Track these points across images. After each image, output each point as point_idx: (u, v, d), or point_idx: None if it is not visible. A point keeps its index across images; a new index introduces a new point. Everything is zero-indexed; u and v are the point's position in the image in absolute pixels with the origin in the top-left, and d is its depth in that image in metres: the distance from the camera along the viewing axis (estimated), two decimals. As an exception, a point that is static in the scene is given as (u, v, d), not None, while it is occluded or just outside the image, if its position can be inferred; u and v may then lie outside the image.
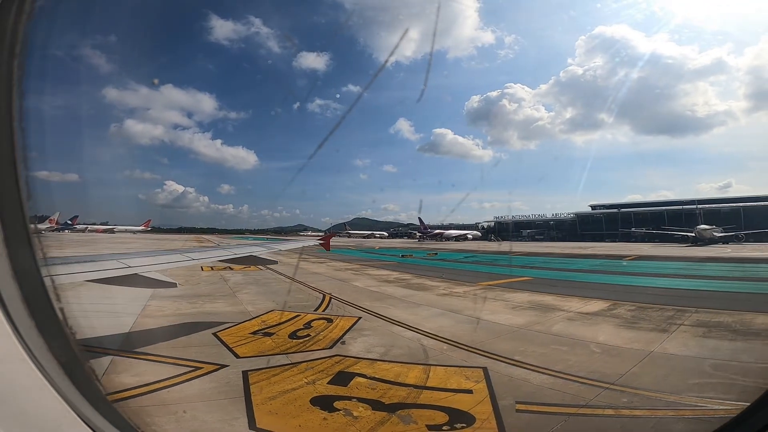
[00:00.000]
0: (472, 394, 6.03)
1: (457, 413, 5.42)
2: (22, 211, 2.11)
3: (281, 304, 13.34)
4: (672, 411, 5.14)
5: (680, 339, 8.77)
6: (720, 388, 5.85)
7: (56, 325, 2.23)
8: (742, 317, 10.78)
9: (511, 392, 6.08)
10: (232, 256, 10.71)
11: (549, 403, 5.61)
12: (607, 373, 6.64)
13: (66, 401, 2.05)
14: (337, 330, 10.07)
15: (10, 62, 2.03)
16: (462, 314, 12.01)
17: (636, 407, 5.35)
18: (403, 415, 5.43)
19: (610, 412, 5.24)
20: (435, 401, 5.83)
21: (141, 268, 7.72)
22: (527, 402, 5.69)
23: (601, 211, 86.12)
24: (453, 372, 7.06)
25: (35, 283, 2.14)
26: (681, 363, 7.27)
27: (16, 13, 2.02)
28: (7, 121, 2.04)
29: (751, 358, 7.31)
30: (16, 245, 2.04)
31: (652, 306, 12.60)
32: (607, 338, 8.97)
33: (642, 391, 5.84)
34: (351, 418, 5.39)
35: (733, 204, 71.14)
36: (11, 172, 2.05)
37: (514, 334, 9.70)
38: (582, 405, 5.49)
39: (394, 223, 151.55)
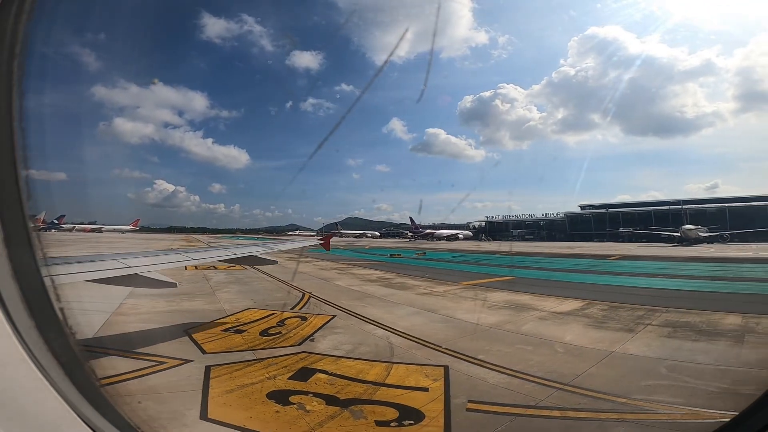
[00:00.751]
0: (428, 392, 6.12)
1: (407, 410, 5.52)
2: (22, 211, 2.10)
3: (259, 303, 13.38)
4: (615, 414, 5.18)
5: (644, 339, 8.88)
6: (669, 391, 5.90)
7: (56, 325, 2.23)
8: (711, 317, 10.91)
9: (466, 391, 6.17)
10: (232, 256, 10.73)
11: (500, 403, 5.69)
12: (564, 374, 6.73)
13: (66, 401, 2.05)
14: (309, 328, 10.17)
15: (10, 62, 2.03)
16: (437, 313, 12.09)
17: (582, 409, 5.42)
18: (355, 410, 5.55)
19: (556, 414, 5.31)
20: (389, 398, 5.93)
21: (141, 268, 7.76)
22: (479, 401, 5.77)
23: (590, 212, 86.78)
24: (414, 370, 7.16)
25: (35, 283, 2.14)
26: (638, 364, 7.35)
27: (16, 13, 2.02)
28: (7, 121, 2.04)
29: (708, 360, 7.36)
30: (16, 245, 2.03)
31: (624, 306, 12.75)
32: (573, 338, 9.09)
33: (592, 392, 5.90)
34: (303, 411, 5.53)
35: (719, 204, 72.07)
36: (11, 172, 2.05)
37: (483, 333, 9.81)
38: (531, 406, 5.57)
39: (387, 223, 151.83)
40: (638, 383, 6.31)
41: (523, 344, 8.69)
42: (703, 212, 68.30)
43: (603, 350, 8.07)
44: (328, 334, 9.68)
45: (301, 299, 14.42)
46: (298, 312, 12.26)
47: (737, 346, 8.17)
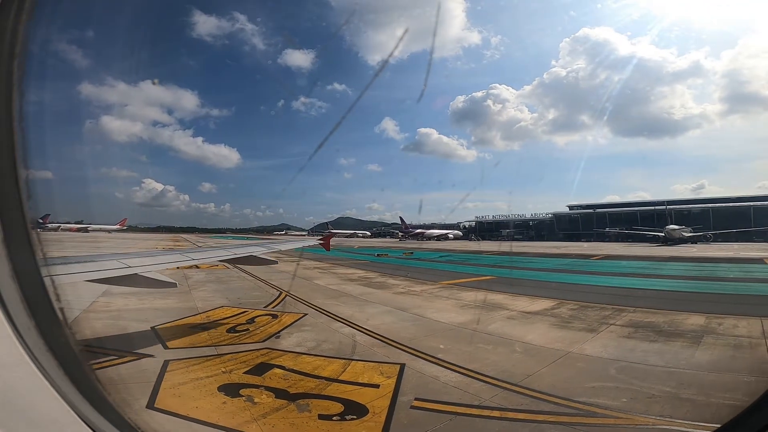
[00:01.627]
0: (378, 389, 6.27)
1: (353, 405, 5.68)
2: (22, 211, 2.09)
3: (233, 301, 13.45)
4: (552, 416, 5.26)
5: (603, 340, 9.00)
6: (611, 393, 5.96)
7: (56, 325, 2.22)
8: (675, 318, 11.06)
9: (416, 389, 6.30)
10: (232, 256, 10.77)
11: (445, 402, 5.81)
12: (515, 374, 6.85)
13: (66, 401, 2.05)
14: (277, 325, 10.34)
15: (10, 62, 2.02)
16: (408, 312, 12.21)
17: (522, 410, 5.52)
18: (302, 404, 5.71)
19: (496, 414, 5.41)
20: (338, 393, 6.09)
21: (141, 268, 7.80)
22: (425, 399, 5.89)
23: (578, 212, 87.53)
24: (370, 367, 7.32)
25: (35, 283, 2.13)
26: (590, 365, 7.42)
27: (16, 13, 2.02)
28: (7, 121, 2.03)
29: (659, 362, 7.43)
30: (16, 245, 2.03)
31: (594, 305, 12.91)
32: (534, 338, 9.21)
33: (537, 393, 6.01)
34: (250, 403, 5.71)
35: (703, 205, 73.08)
36: (11, 172, 2.04)
37: (449, 332, 9.95)
38: (474, 405, 5.69)
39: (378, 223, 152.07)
40: (584, 385, 6.35)
41: (484, 344, 8.83)
42: (688, 213, 69.30)
43: (560, 350, 8.20)
44: (295, 331, 9.83)
45: (276, 298, 14.56)
46: (271, 310, 12.40)
47: (692, 348, 8.26)
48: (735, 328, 9.72)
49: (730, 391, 5.75)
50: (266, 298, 14.42)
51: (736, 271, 24.26)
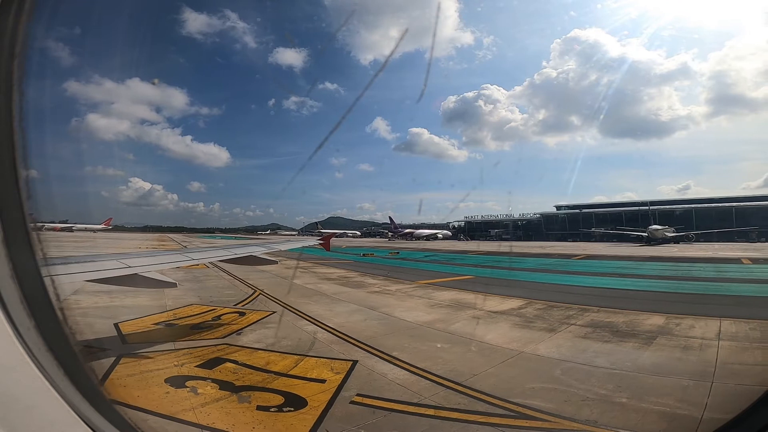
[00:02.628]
0: (324, 384, 6.46)
1: (293, 398, 5.88)
2: (22, 211, 2.09)
3: (204, 299, 13.50)
4: (482, 417, 5.35)
5: (559, 340, 9.12)
6: (547, 395, 6.02)
7: (56, 325, 2.21)
8: (635, 317, 11.21)
9: (362, 385, 6.45)
10: (232, 256, 10.78)
11: (385, 398, 5.94)
12: (463, 372, 6.97)
13: (66, 401, 2.04)
14: (243, 322, 10.56)
15: (9, 62, 2.02)
16: (376, 311, 12.33)
17: (456, 409, 5.62)
18: (243, 395, 5.92)
19: (430, 412, 5.53)
20: (283, 387, 6.28)
21: (141, 268, 7.83)
22: (366, 395, 6.04)
23: (565, 212, 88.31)
24: (323, 363, 7.50)
25: (35, 283, 2.12)
26: (538, 365, 7.47)
27: (16, 13, 2.01)
28: (7, 121, 2.02)
29: (604, 363, 7.46)
30: (16, 245, 2.02)
31: (561, 305, 13.09)
32: (493, 337, 9.35)
33: (476, 392, 6.12)
34: (193, 394, 5.92)
35: (686, 206, 74.18)
36: (11, 172, 2.03)
37: (411, 330, 10.09)
38: (412, 403, 5.81)
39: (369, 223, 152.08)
40: (525, 386, 6.41)
41: (443, 342, 8.95)
42: (671, 213, 70.26)
43: (513, 350, 8.32)
44: (259, 328, 10.02)
45: (249, 296, 14.62)
46: (240, 308, 12.51)
47: (642, 349, 8.33)
48: (691, 329, 9.81)
49: (663, 396, 5.77)
50: (239, 297, 14.50)
51: (710, 271, 24.61)
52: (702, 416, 5.09)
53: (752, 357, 7.62)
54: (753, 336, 9.04)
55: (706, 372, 6.78)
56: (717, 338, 8.90)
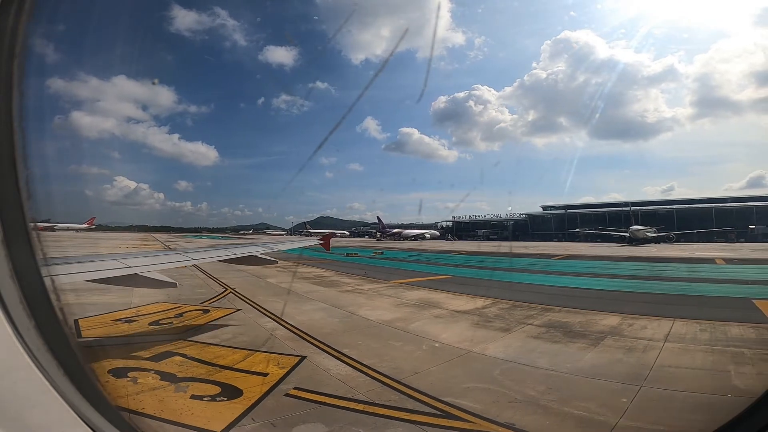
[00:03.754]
0: (265, 377, 6.67)
1: (230, 389, 6.11)
2: (22, 211, 2.10)
3: (173, 297, 13.51)
4: (407, 414, 5.46)
5: (510, 340, 9.22)
6: (478, 395, 6.08)
7: (56, 325, 2.22)
8: (593, 318, 11.33)
9: (302, 379, 6.63)
10: (232, 256, 10.86)
11: (321, 393, 6.12)
12: (405, 370, 7.12)
13: (66, 401, 2.06)
14: (204, 319, 10.79)
15: (9, 62, 2.03)
16: (342, 310, 12.49)
17: (384, 405, 5.75)
18: (182, 385, 6.17)
19: (359, 407, 5.66)
20: (223, 379, 6.50)
21: (141, 268, 7.94)
22: (303, 389, 6.22)
23: (551, 212, 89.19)
24: (271, 358, 7.73)
25: (35, 283, 2.13)
26: (481, 365, 7.60)
27: (16, 13, 2.02)
28: (7, 121, 2.03)
29: (546, 364, 7.55)
30: (16, 245, 2.03)
31: (525, 305, 13.23)
32: (448, 336, 9.49)
33: (410, 390, 6.25)
34: (132, 383, 6.12)
35: (668, 206, 75.40)
36: (11, 172, 2.04)
37: (369, 328, 10.28)
38: (345, 398, 5.96)
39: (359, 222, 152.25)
40: (461, 385, 6.48)
41: (396, 340, 9.09)
42: (654, 214, 71.30)
43: (462, 350, 8.42)
44: (219, 325, 10.23)
45: (218, 294, 14.69)
46: (206, 306, 12.66)
47: (587, 350, 8.38)
48: (643, 329, 9.89)
49: (587, 400, 5.83)
50: (209, 295, 14.62)
51: (683, 271, 25.01)
52: (617, 422, 5.14)
53: (690, 360, 7.63)
54: (700, 338, 9.11)
55: (639, 375, 6.79)
56: (664, 340, 8.98)
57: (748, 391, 5.88)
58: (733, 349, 8.12)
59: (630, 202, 71.87)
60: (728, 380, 6.51)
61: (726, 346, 8.35)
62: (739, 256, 33.32)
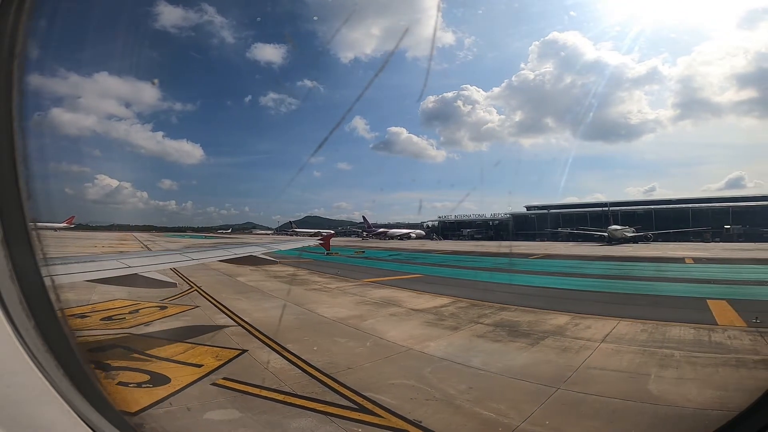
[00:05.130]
0: (199, 368, 7.00)
1: (159, 377, 6.46)
2: (22, 211, 2.09)
3: (133, 294, 13.49)
4: (322, 405, 5.69)
5: (455, 338, 9.39)
6: (400, 392, 6.27)
7: (56, 325, 2.21)
8: (543, 317, 11.50)
9: (235, 371, 6.94)
10: (232, 256, 10.91)
11: (249, 383, 6.39)
12: (339, 365, 7.38)
13: (66, 401, 2.05)
14: (158, 315, 11.07)
15: (10, 62, 2.03)
16: (301, 307, 12.76)
17: (305, 396, 5.98)
18: (112, 373, 6.49)
19: (279, 397, 5.91)
20: (156, 369, 6.80)
21: (141, 268, 7.96)
22: (232, 380, 6.52)
23: (534, 212, 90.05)
24: (211, 351, 8.04)
25: (35, 283, 2.12)
26: (415, 362, 7.76)
27: (16, 13, 2.02)
28: (7, 120, 2.03)
29: (479, 363, 7.66)
30: (16, 245, 2.03)
31: (484, 303, 13.51)
32: (396, 334, 9.69)
33: (336, 384, 6.49)
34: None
35: (646, 206, 76.75)
36: (11, 172, 2.04)
37: (322, 325, 10.57)
38: (270, 389, 6.22)
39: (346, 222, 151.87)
40: (387, 381, 6.70)
41: (342, 337, 9.32)
42: (633, 214, 72.46)
43: (404, 347, 8.62)
44: (171, 321, 10.56)
45: (182, 292, 14.78)
46: (164, 303, 12.79)
47: (524, 350, 8.48)
48: (586, 329, 10.03)
49: (501, 401, 5.93)
50: (174, 292, 14.55)
51: (650, 270, 25.49)
52: (518, 426, 5.22)
53: (617, 362, 7.69)
54: (637, 339, 9.21)
55: (562, 377, 6.87)
56: (600, 341, 9.02)
57: (661, 398, 5.96)
58: (664, 351, 8.21)
59: (608, 203, 73.00)
60: (644, 384, 6.52)
61: (658, 348, 8.45)
62: (709, 256, 34.00)
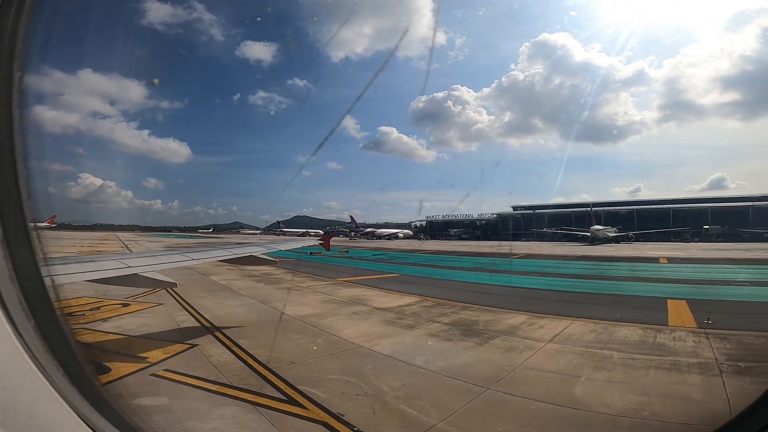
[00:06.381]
0: (144, 360, 7.23)
1: (100, 367, 6.59)
2: (22, 211, 2.07)
3: (99, 292, 13.49)
4: (252, 396, 5.92)
5: (407, 337, 9.54)
6: (329, 386, 6.45)
7: (56, 325, 2.20)
8: (501, 316, 11.59)
9: (180, 364, 7.24)
10: (232, 257, 10.99)
11: (187, 374, 6.68)
12: (283, 360, 7.63)
13: (66, 401, 2.04)
14: (118, 312, 11.26)
15: (10, 62, 2.01)
16: (266, 305, 13.12)
17: (237, 387, 6.24)
18: None
19: (213, 387, 6.20)
20: (97, 359, 6.91)
21: (141, 268, 8.00)
22: (173, 371, 6.81)
23: (520, 212, 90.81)
24: (161, 345, 8.32)
25: (35, 283, 2.10)
26: (359, 359, 7.92)
27: (16, 13, 2.01)
28: (7, 120, 2.01)
29: (421, 362, 7.75)
30: (16, 245, 2.01)
31: (449, 303, 13.70)
32: (351, 332, 9.88)
33: (272, 376, 6.75)
34: None
35: (629, 207, 77.99)
36: (11, 172, 2.02)
37: (281, 323, 10.81)
38: (208, 380, 6.53)
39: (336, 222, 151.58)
40: (325, 376, 6.89)
41: (297, 334, 9.58)
42: (616, 214, 73.47)
43: (354, 344, 8.82)
44: (133, 317, 10.71)
45: (150, 290, 14.69)
46: (128, 300, 12.90)
47: (471, 349, 8.57)
48: (539, 329, 10.13)
49: (426, 399, 6.03)
50: (138, 291, 14.57)
51: (624, 270, 25.86)
52: (434, 425, 5.29)
53: (555, 363, 7.71)
54: (583, 339, 9.26)
55: (496, 377, 6.95)
56: (548, 341, 9.07)
57: (581, 401, 5.96)
58: (604, 352, 8.29)
59: (591, 203, 73.87)
60: (572, 387, 6.53)
61: (599, 349, 8.51)
62: (685, 255, 34.57)
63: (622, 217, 71.92)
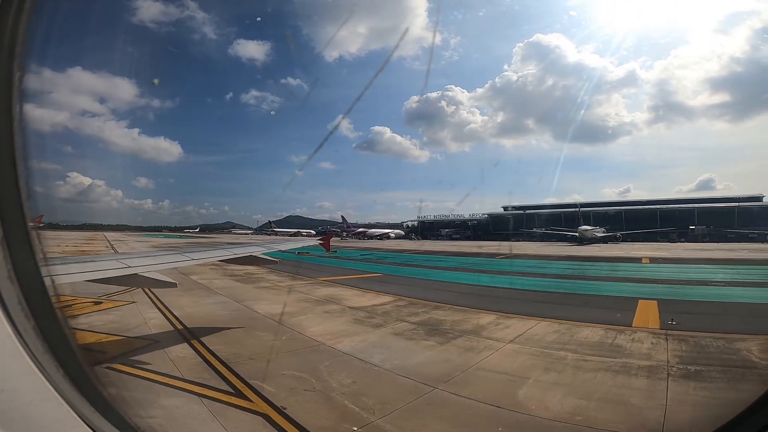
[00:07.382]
0: (102, 354, 7.62)
1: None
2: (22, 211, 2.09)
3: (75, 290, 13.48)
4: (203, 389, 6.09)
5: (372, 336, 9.63)
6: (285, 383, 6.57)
7: (56, 325, 2.22)
8: (470, 317, 11.69)
9: (133, 359, 7.35)
10: (232, 257, 11.00)
11: (140, 367, 6.96)
12: (242, 356, 7.81)
13: (66, 401, 2.05)
14: (88, 309, 11.46)
15: (10, 62, 2.03)
16: (240, 303, 13.30)
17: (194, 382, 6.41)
18: None
19: (162, 379, 6.42)
20: None
21: (141, 268, 7.99)
22: (123, 363, 7.10)
23: (510, 213, 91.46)
24: (122, 340, 8.70)
25: (35, 283, 2.12)
26: (317, 357, 8.02)
27: (16, 13, 2.02)
28: (7, 121, 2.03)
29: (379, 360, 7.82)
30: (16, 245, 2.02)
31: (422, 302, 13.84)
32: (316, 330, 10.01)
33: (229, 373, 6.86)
34: None
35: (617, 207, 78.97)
36: (11, 172, 2.04)
37: (250, 321, 11.01)
38: (163, 374, 6.71)
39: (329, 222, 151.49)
40: (279, 372, 7.03)
41: (263, 331, 9.84)
42: (605, 214, 74.25)
43: (317, 342, 8.94)
44: (101, 315, 10.94)
45: (124, 289, 14.74)
46: (102, 299, 13.00)
47: (432, 348, 8.75)
48: (504, 329, 10.16)
49: (372, 397, 6.11)
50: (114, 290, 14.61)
51: (605, 270, 26.15)
52: (373, 422, 5.36)
53: (509, 364, 7.76)
54: (544, 340, 9.29)
55: (447, 376, 7.02)
56: (509, 341, 9.09)
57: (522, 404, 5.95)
58: (559, 354, 8.31)
59: (579, 204, 74.66)
60: (517, 388, 6.55)
61: (556, 350, 8.53)
62: (666, 256, 35.02)
63: (611, 217, 72.73)
